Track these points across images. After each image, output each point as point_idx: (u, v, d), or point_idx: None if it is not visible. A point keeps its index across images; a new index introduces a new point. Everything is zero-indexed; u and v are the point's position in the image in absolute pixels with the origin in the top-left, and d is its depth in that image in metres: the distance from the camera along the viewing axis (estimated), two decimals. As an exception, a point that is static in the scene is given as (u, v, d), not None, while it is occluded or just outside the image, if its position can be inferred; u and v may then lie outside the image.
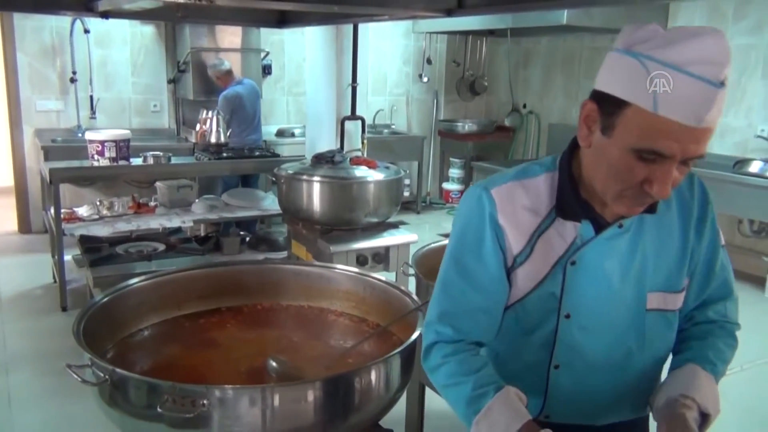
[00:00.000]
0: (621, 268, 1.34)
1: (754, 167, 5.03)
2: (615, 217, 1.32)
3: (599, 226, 1.33)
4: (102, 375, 1.54)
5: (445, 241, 2.89)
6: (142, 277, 2.08)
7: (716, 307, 1.43)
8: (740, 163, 5.17)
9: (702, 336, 1.41)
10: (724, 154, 5.50)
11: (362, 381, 1.64)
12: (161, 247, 3.76)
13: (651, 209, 1.30)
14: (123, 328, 1.98)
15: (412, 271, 2.51)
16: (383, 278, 2.16)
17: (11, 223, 6.36)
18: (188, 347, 1.99)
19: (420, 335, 1.62)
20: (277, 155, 5.18)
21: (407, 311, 1.93)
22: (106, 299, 1.90)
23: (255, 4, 2.97)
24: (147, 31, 6.42)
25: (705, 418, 1.26)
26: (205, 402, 1.44)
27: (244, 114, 5.60)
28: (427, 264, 2.57)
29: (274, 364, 1.78)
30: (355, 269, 2.27)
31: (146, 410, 1.52)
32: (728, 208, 5.08)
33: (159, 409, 1.42)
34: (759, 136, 5.36)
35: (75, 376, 1.55)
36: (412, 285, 2.56)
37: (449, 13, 3.07)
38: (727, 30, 5.56)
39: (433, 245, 2.75)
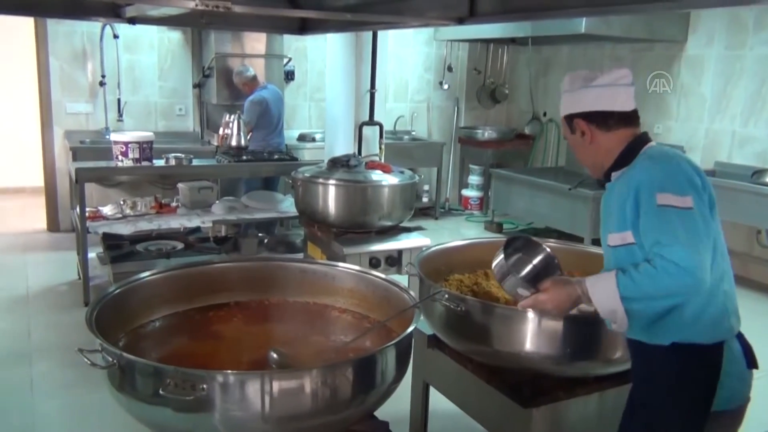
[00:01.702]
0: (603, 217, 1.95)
1: (773, 177, 5.01)
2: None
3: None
4: (110, 359, 1.64)
5: (451, 244, 2.97)
6: (154, 271, 2.18)
7: (654, 249, 1.72)
8: (758, 173, 5.14)
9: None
10: (743, 164, 5.47)
11: (357, 371, 1.71)
12: (180, 245, 3.88)
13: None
14: (135, 319, 2.09)
15: (414, 271, 2.57)
16: (384, 276, 2.23)
17: (41, 221, 6.57)
18: (195, 338, 2.09)
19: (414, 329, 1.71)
20: (296, 159, 5.29)
21: (405, 308, 2.00)
22: (118, 291, 2.01)
23: (270, 11, 3.06)
24: (174, 36, 6.59)
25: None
26: (204, 386, 1.53)
27: (269, 118, 5.73)
28: (431, 265, 2.63)
29: (274, 355, 1.87)
30: (357, 267, 2.35)
31: (151, 395, 1.62)
32: (746, 218, 5.05)
33: (161, 392, 1.51)
34: (779, 147, 5.34)
35: (86, 359, 1.65)
36: (417, 284, 2.62)
37: (461, 21, 3.13)
38: (747, 40, 5.54)
39: (436, 248, 2.81)
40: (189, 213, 4.82)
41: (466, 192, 8.10)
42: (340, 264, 2.35)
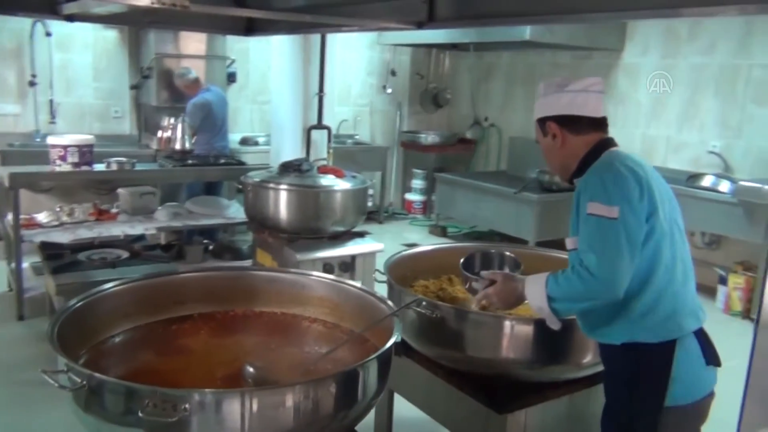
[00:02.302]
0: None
1: (706, 181, 5.22)
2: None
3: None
4: (79, 380, 1.53)
5: (416, 250, 2.95)
6: (115, 283, 2.06)
7: (579, 255, 1.88)
8: (693, 178, 5.36)
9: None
10: (678, 169, 5.71)
11: (340, 385, 1.66)
12: (125, 254, 3.71)
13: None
14: (95, 334, 1.97)
15: (382, 278, 2.53)
16: (358, 285, 2.19)
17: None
18: (162, 353, 1.98)
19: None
20: (243, 163, 5.16)
21: (383, 317, 1.96)
22: (79, 305, 1.89)
23: (230, 11, 2.97)
24: (110, 35, 6.33)
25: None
26: (186, 406, 1.44)
27: (213, 121, 5.58)
28: (398, 272, 2.60)
29: (251, 369, 1.79)
30: (331, 276, 2.30)
31: (124, 416, 1.52)
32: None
33: (140, 414, 1.42)
34: (711, 152, 5.58)
35: (51, 382, 1.54)
36: (382, 292, 2.59)
37: (420, 25, 3.12)
38: (681, 49, 5.79)
39: (403, 254, 2.79)
40: (131, 220, 4.63)
41: (409, 196, 8.14)
42: (313, 273, 2.29)
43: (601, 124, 2.01)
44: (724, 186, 5.08)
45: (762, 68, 5.27)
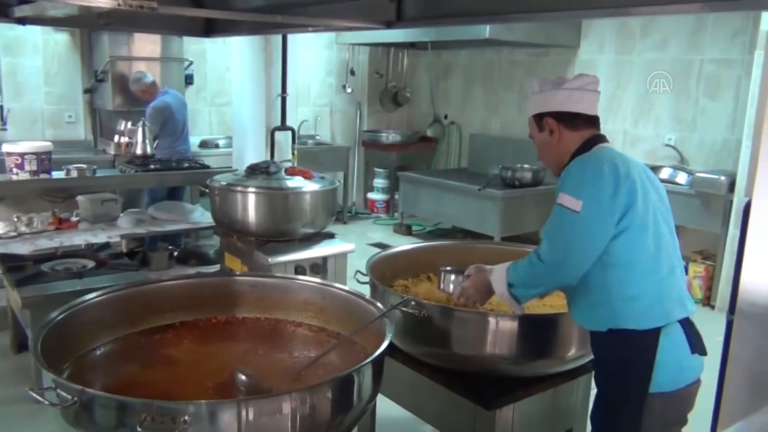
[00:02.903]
0: None
1: (664, 174, 5.37)
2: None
3: None
4: (69, 397, 1.48)
5: (395, 250, 2.95)
6: (96, 294, 2.00)
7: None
8: (651, 170, 5.49)
9: None
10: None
11: (336, 391, 1.65)
12: (90, 264, 3.59)
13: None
14: (77, 348, 1.91)
15: (364, 279, 2.52)
16: (345, 287, 2.17)
17: None
18: (147, 364, 1.93)
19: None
20: (207, 166, 5.06)
21: (372, 319, 1.95)
22: (60, 318, 1.82)
23: (200, 12, 2.91)
24: (61, 38, 6.13)
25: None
26: (186, 418, 1.41)
27: (174, 125, 5.46)
28: (377, 272, 2.59)
29: (242, 377, 1.76)
30: (317, 279, 2.28)
31: (118, 430, 1.48)
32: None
33: (138, 429, 1.38)
34: (667, 145, 5.74)
35: (41, 400, 1.48)
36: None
37: (389, 25, 3.12)
38: (635, 46, 5.94)
39: (382, 254, 2.78)
40: (92, 228, 4.49)
41: (372, 195, 8.13)
42: (299, 276, 2.27)
43: (595, 121, 2.05)
44: (682, 178, 5.23)
45: (713, 63, 5.45)
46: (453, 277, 2.28)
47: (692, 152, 5.62)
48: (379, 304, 2.03)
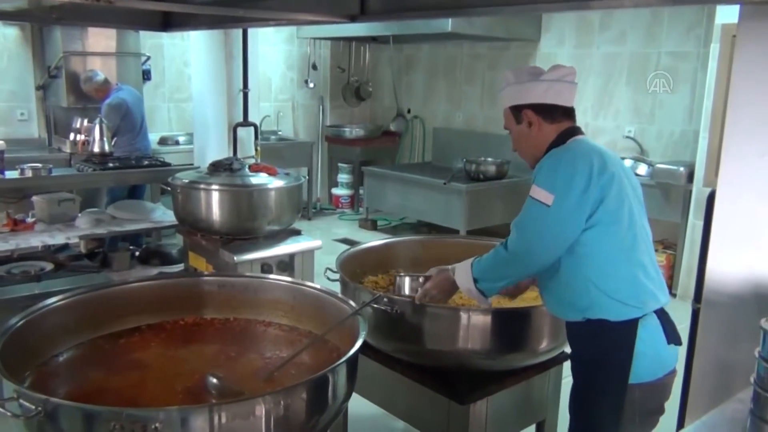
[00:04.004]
0: None
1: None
2: None
3: None
4: (33, 407, 1.42)
5: (367, 245, 2.93)
6: (57, 298, 1.93)
7: None
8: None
9: None
10: (597, 154, 5.92)
11: (311, 392, 1.62)
12: (49, 266, 3.48)
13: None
14: (37, 355, 1.83)
15: (334, 276, 2.49)
16: (316, 285, 2.14)
17: None
18: (113, 370, 1.87)
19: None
20: (168, 164, 4.94)
21: (345, 316, 1.93)
22: (20, 323, 1.75)
23: (158, 6, 2.83)
24: (10, 33, 5.92)
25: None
26: (157, 426, 1.36)
27: (131, 121, 5.33)
28: (347, 268, 2.57)
29: (214, 380, 1.72)
30: (287, 278, 2.24)
31: (86, 441, 1.42)
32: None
33: (107, 438, 1.33)
34: (627, 137, 5.84)
35: (1, 411, 1.41)
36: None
37: (353, 18, 3.09)
38: (594, 40, 6.02)
39: (351, 250, 2.76)
40: (49, 229, 4.33)
41: (336, 191, 8.08)
42: (269, 276, 2.22)
43: (571, 113, 2.05)
44: (642, 169, 5.33)
45: (669, 56, 5.55)
46: (409, 280, 2.25)
47: (651, 144, 5.73)
48: (351, 302, 2.00)
